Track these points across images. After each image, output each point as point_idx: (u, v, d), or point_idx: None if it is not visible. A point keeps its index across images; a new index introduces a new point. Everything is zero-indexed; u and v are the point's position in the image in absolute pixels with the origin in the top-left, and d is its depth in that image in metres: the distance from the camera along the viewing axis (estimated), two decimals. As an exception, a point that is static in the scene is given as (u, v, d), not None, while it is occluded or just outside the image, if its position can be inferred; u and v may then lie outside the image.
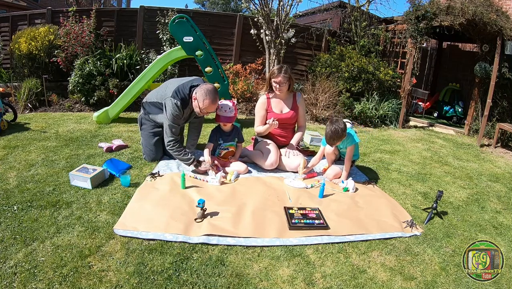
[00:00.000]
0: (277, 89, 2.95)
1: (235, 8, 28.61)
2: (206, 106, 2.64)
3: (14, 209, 2.05)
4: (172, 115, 2.68)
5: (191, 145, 3.10)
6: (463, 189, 2.99)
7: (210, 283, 1.57)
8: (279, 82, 2.90)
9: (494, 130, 4.74)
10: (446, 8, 4.92)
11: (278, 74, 2.89)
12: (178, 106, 2.66)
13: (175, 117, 2.69)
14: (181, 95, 2.69)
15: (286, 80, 2.92)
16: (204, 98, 2.61)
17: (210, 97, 2.62)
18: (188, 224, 2.00)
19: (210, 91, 2.63)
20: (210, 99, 2.62)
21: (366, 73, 5.51)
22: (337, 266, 1.76)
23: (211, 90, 2.63)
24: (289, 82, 2.97)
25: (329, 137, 2.64)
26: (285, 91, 3.02)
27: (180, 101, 2.67)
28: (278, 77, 2.89)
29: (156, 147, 2.98)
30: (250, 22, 5.99)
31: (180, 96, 2.68)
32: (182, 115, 2.74)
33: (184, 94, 2.70)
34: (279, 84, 2.91)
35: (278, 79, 2.90)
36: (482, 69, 4.83)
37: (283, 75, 2.88)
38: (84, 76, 4.86)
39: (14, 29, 6.12)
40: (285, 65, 3.02)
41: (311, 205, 2.36)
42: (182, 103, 2.68)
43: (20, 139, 3.37)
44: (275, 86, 2.94)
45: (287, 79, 2.92)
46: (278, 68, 2.93)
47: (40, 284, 1.47)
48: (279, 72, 2.89)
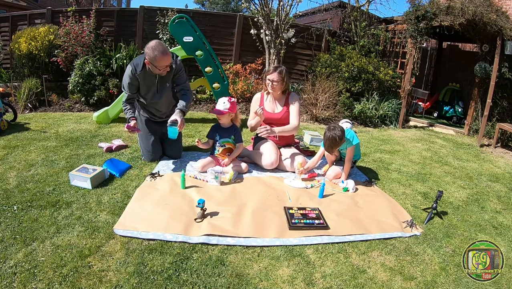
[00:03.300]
0: (269, 86, 2.94)
1: (235, 8, 28.62)
2: (158, 61, 2.58)
3: (14, 209, 2.05)
4: (124, 79, 2.77)
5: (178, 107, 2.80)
6: (463, 189, 2.99)
7: (210, 283, 1.57)
8: (272, 80, 2.91)
9: (494, 130, 4.74)
10: (446, 8, 4.92)
11: (273, 72, 2.91)
12: (129, 72, 2.70)
13: (125, 82, 2.76)
14: (136, 62, 2.73)
15: (280, 79, 2.91)
16: (153, 54, 2.55)
17: (158, 50, 2.55)
18: (188, 224, 2.00)
19: (157, 45, 2.57)
20: (159, 52, 2.55)
21: (366, 73, 5.51)
22: (337, 266, 1.76)
23: (156, 44, 2.58)
24: (283, 83, 2.95)
25: (327, 146, 2.63)
26: (279, 92, 3.01)
27: (133, 66, 2.70)
28: (272, 75, 2.90)
29: (154, 147, 2.97)
30: (250, 22, 5.99)
31: (136, 62, 2.72)
32: (134, 82, 2.75)
33: (139, 61, 2.71)
34: (272, 81, 2.91)
35: (271, 76, 2.90)
36: (482, 69, 4.83)
37: (277, 74, 2.90)
38: (84, 76, 4.86)
39: (14, 29, 6.13)
40: (283, 66, 3.02)
41: (311, 205, 2.36)
42: (135, 69, 2.69)
43: (20, 139, 3.37)
44: (268, 84, 2.94)
45: (281, 79, 2.92)
46: (274, 67, 2.94)
47: (40, 284, 1.47)
48: (274, 70, 2.92)
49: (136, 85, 2.79)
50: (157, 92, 2.87)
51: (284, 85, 2.98)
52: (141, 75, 2.73)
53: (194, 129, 4.19)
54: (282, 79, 2.93)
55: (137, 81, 2.76)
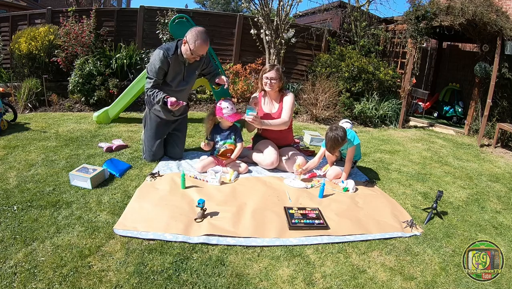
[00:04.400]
0: (267, 85, 2.92)
1: (235, 8, 28.62)
2: (197, 47, 2.60)
3: (14, 209, 2.05)
4: (152, 64, 2.67)
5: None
6: (463, 189, 2.99)
7: (210, 283, 1.57)
8: (270, 78, 2.89)
9: (494, 130, 4.74)
10: (446, 8, 4.93)
11: (270, 69, 2.90)
12: (160, 55, 2.64)
13: (154, 67, 2.66)
14: (167, 46, 2.70)
15: (278, 77, 2.90)
16: (195, 39, 2.58)
17: (201, 37, 2.60)
18: (188, 224, 2.00)
19: (201, 32, 2.61)
20: (202, 39, 2.60)
21: (366, 73, 5.51)
22: (337, 266, 1.76)
23: (202, 31, 2.62)
24: (280, 80, 2.94)
25: (329, 146, 2.63)
26: (276, 90, 2.98)
27: (164, 50, 2.66)
28: (270, 73, 2.89)
29: (157, 149, 2.97)
30: (250, 22, 5.99)
31: (166, 46, 2.69)
32: (165, 66, 2.68)
33: (171, 45, 2.71)
34: (270, 80, 2.89)
35: (269, 74, 2.89)
36: (482, 69, 4.83)
37: (275, 71, 2.89)
38: (84, 76, 4.86)
39: (14, 29, 6.12)
40: (277, 64, 3.01)
41: (311, 205, 2.36)
42: (166, 52, 2.66)
43: (20, 139, 3.37)
44: (266, 82, 2.91)
45: (279, 76, 2.92)
46: (271, 65, 2.94)
47: (40, 284, 1.47)
48: (271, 68, 2.91)
49: (165, 70, 2.72)
50: (183, 80, 2.87)
51: (281, 83, 2.98)
52: (173, 59, 2.70)
53: (194, 129, 4.18)
54: (280, 77, 2.93)
55: (168, 65, 2.71)
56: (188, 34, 2.63)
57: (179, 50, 2.71)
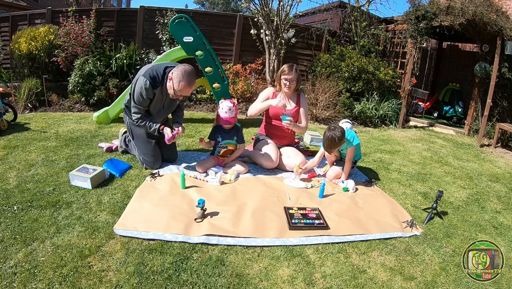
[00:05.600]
0: (286, 86, 2.98)
1: (235, 8, 28.63)
2: (181, 89, 2.51)
3: (14, 209, 2.05)
4: (139, 94, 2.55)
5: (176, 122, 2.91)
6: (463, 189, 2.99)
7: (210, 283, 1.57)
8: (290, 79, 2.95)
9: (494, 130, 4.74)
10: (446, 8, 4.93)
11: (289, 71, 2.96)
12: (147, 86, 2.52)
13: (140, 97, 2.55)
14: (153, 74, 2.55)
15: (296, 78, 2.99)
16: (180, 80, 2.48)
17: (186, 79, 2.48)
18: (188, 224, 2.00)
19: (188, 73, 2.49)
20: (186, 82, 2.49)
21: (366, 73, 5.51)
22: (337, 266, 1.76)
23: (188, 72, 2.50)
24: (298, 81, 3.03)
25: (326, 146, 2.64)
26: (293, 90, 3.05)
27: (151, 80, 2.52)
28: (289, 75, 2.95)
29: (156, 152, 2.83)
30: (250, 22, 5.99)
31: (152, 75, 2.54)
32: (150, 96, 2.59)
33: (157, 74, 2.56)
34: (289, 81, 2.96)
35: (289, 76, 2.95)
36: (482, 69, 4.83)
37: (294, 72, 2.96)
38: (84, 76, 4.86)
39: (14, 29, 6.12)
40: (294, 64, 3.05)
41: (311, 205, 2.36)
42: (153, 83, 2.53)
43: (20, 139, 3.37)
44: (285, 83, 2.98)
45: (297, 77, 3.00)
46: (289, 66, 2.98)
47: (40, 284, 1.47)
48: (290, 69, 2.96)
49: (151, 99, 2.64)
50: (163, 108, 2.80)
51: (298, 83, 3.05)
52: (158, 91, 2.61)
53: (194, 129, 4.19)
54: (298, 78, 3.01)
55: (153, 96, 2.62)
56: (175, 71, 2.52)
57: (165, 82, 2.60)
